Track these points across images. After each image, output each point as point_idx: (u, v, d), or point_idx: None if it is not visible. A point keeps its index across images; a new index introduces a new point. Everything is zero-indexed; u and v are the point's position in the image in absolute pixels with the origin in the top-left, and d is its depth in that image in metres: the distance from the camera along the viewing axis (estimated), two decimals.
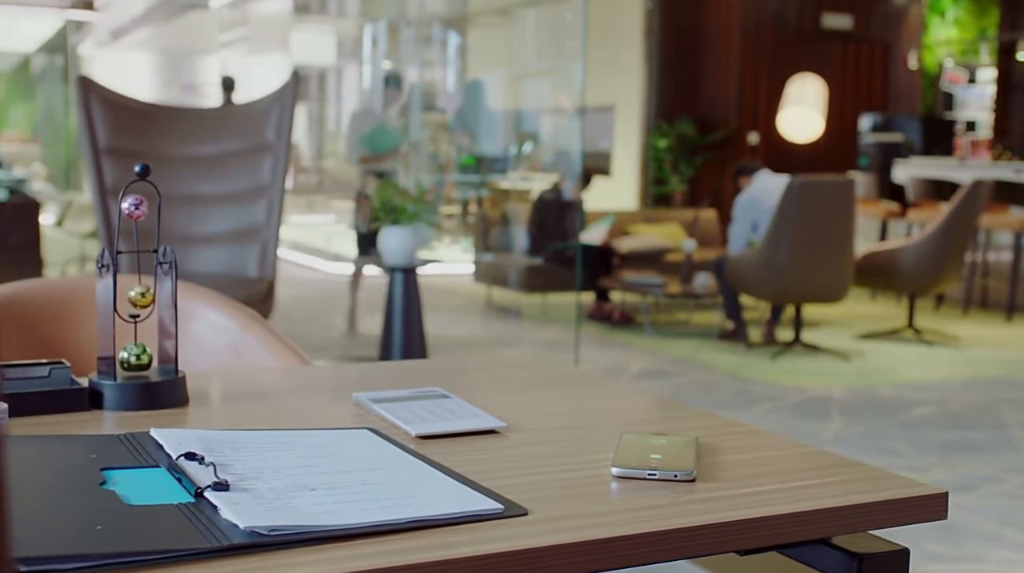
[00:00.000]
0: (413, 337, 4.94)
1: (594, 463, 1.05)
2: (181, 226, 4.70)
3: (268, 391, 1.35)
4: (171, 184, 4.72)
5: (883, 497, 0.98)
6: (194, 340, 1.83)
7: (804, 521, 0.93)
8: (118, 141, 4.68)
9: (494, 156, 11.11)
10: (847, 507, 0.95)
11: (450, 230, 11.78)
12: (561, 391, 1.38)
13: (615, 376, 5.81)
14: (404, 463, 1.02)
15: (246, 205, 4.71)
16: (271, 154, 4.72)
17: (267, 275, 4.64)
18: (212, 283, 4.50)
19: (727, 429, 1.20)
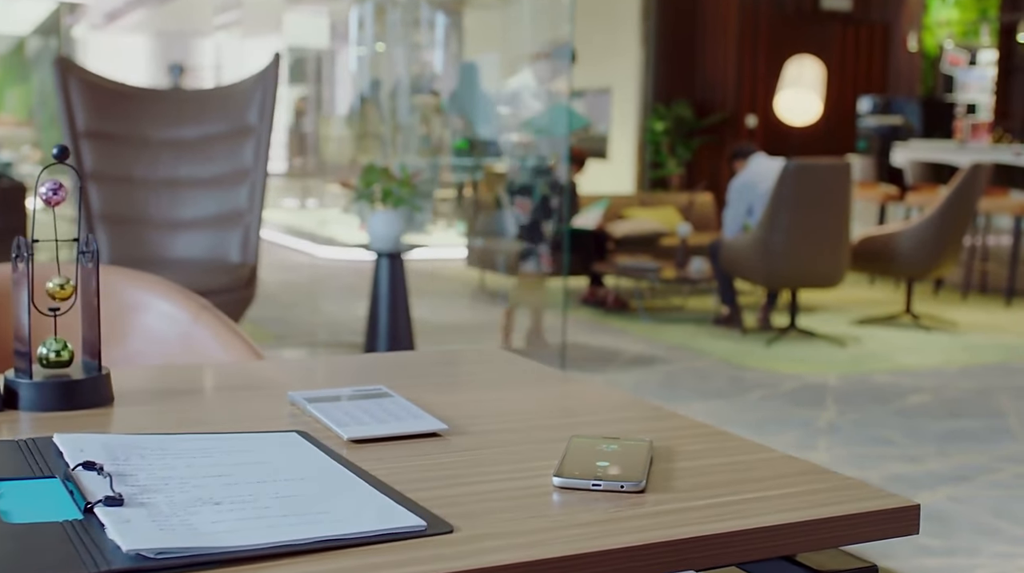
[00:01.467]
0: (399, 323, 4.85)
1: (537, 471, 0.97)
2: (161, 211, 4.61)
3: (202, 389, 1.27)
4: (151, 168, 4.62)
5: (850, 510, 0.89)
6: (143, 332, 1.74)
7: (760, 538, 0.85)
8: (97, 124, 4.59)
9: (489, 139, 11.01)
10: (809, 523, 0.87)
11: (445, 214, 11.68)
12: (516, 389, 1.29)
13: (607, 362, 5.73)
14: (327, 472, 0.93)
15: (228, 189, 4.62)
16: (253, 137, 4.62)
17: (249, 260, 4.55)
18: (193, 268, 4.41)
19: (687, 431, 1.12)
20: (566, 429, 1.11)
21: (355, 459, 0.99)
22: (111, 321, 1.74)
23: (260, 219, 4.60)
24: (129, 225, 4.56)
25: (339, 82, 14.64)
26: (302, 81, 16.58)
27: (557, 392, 1.28)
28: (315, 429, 1.09)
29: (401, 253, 4.83)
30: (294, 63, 15.99)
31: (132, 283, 1.76)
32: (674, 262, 7.17)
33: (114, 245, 4.51)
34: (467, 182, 10.91)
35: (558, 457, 0.98)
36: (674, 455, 1.03)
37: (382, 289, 4.84)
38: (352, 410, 1.11)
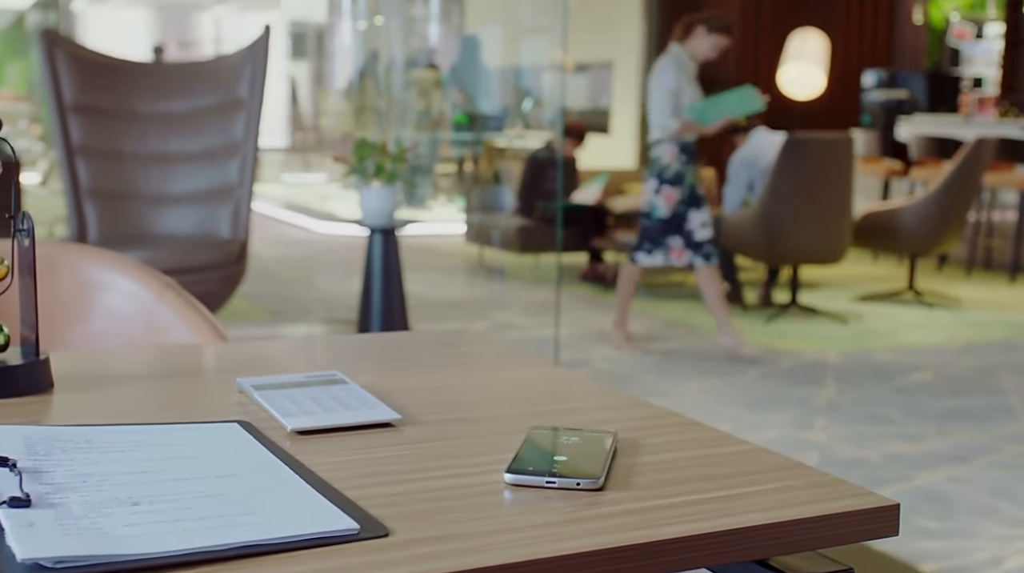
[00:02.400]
0: (393, 299, 4.79)
1: (491, 466, 0.90)
2: (151, 186, 4.54)
3: (149, 374, 1.20)
4: (140, 142, 4.55)
5: (825, 510, 0.82)
6: (105, 311, 1.67)
7: (725, 543, 0.78)
8: (85, 97, 4.51)
9: (490, 114, 10.91)
10: (778, 525, 0.80)
11: (445, 189, 11.60)
12: (481, 374, 1.23)
13: (604, 340, 5.67)
14: (262, 468, 0.87)
15: (218, 163, 4.55)
16: (244, 110, 4.54)
17: (240, 236, 4.49)
18: (183, 244, 4.34)
19: (657, 421, 1.05)
20: (529, 419, 1.04)
21: (297, 452, 0.93)
22: (72, 300, 1.67)
23: (251, 194, 4.53)
24: (118, 200, 4.50)
25: (338, 56, 14.53)
26: (303, 56, 16.47)
27: (526, 378, 1.21)
28: (261, 418, 1.02)
29: (395, 229, 4.76)
30: (295, 37, 15.88)
31: (93, 261, 1.69)
32: None
33: (102, 221, 4.45)
34: (467, 157, 10.82)
35: (515, 450, 0.92)
36: (639, 448, 0.96)
37: (375, 265, 4.77)
38: (301, 398, 1.05)
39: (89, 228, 4.43)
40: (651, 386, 4.75)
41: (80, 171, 4.46)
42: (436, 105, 10.34)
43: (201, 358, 1.29)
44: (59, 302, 1.67)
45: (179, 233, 4.49)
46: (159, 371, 1.21)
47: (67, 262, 1.69)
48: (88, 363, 1.24)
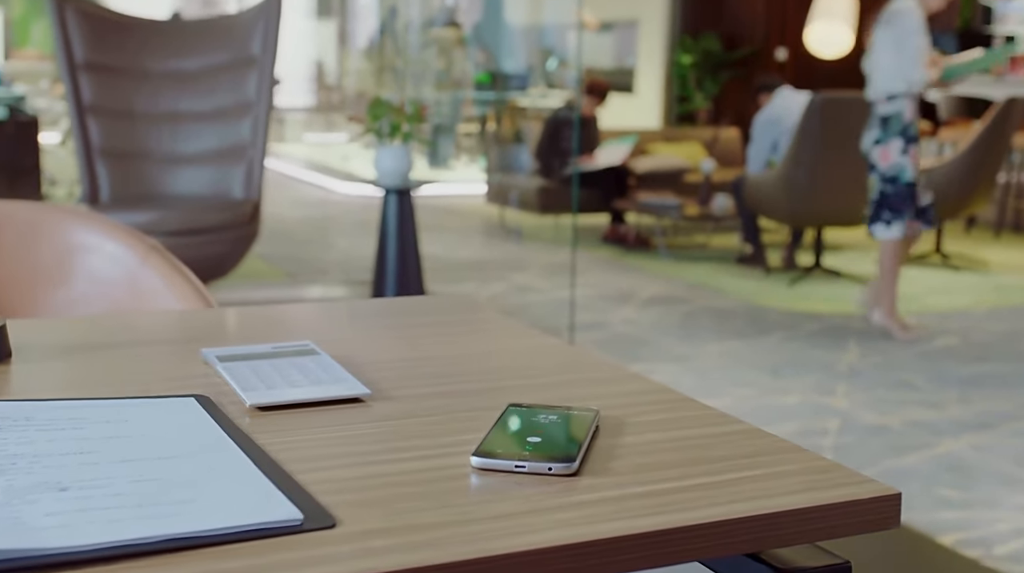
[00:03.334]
0: (407, 261, 4.72)
1: (461, 447, 0.83)
2: (163, 145, 4.49)
3: (115, 343, 1.14)
4: (152, 100, 4.49)
5: (820, 501, 0.75)
6: (88, 275, 1.61)
7: (706, 536, 0.71)
8: (96, 55, 4.44)
9: (513, 73, 10.78)
10: (768, 517, 0.73)
11: (468, 149, 11.50)
12: (467, 344, 1.16)
13: (624, 302, 5.59)
14: (211, 448, 0.80)
15: (230, 122, 4.48)
16: (256, 68, 4.47)
17: (253, 196, 4.43)
18: (195, 205, 4.29)
19: (647, 397, 0.98)
20: (510, 394, 0.97)
21: (254, 429, 0.86)
22: (54, 264, 1.62)
23: (264, 154, 4.47)
24: (130, 160, 4.44)
25: (361, 14, 14.40)
26: (327, 14, 16.34)
27: (514, 350, 1.14)
28: (223, 392, 0.96)
29: (410, 189, 4.69)
30: None
31: (77, 223, 1.63)
32: (697, 199, 6.99)
33: (114, 180, 4.40)
34: (489, 116, 10.71)
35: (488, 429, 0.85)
36: (624, 428, 0.89)
37: (390, 226, 4.71)
38: (266, 370, 0.98)
39: (101, 188, 4.38)
40: (670, 350, 4.68)
41: (92, 130, 4.40)
42: (458, 64, 10.22)
43: (175, 326, 1.23)
44: (41, 266, 1.61)
45: (191, 193, 4.44)
46: (127, 340, 1.15)
47: (49, 224, 1.63)
48: (53, 331, 1.18)
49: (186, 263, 4.15)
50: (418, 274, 4.76)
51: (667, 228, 7.57)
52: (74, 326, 1.21)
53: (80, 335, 1.16)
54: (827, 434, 3.58)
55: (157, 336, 1.17)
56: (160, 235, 4.07)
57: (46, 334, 1.16)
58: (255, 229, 4.37)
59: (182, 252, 4.11)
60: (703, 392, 4.05)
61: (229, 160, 4.46)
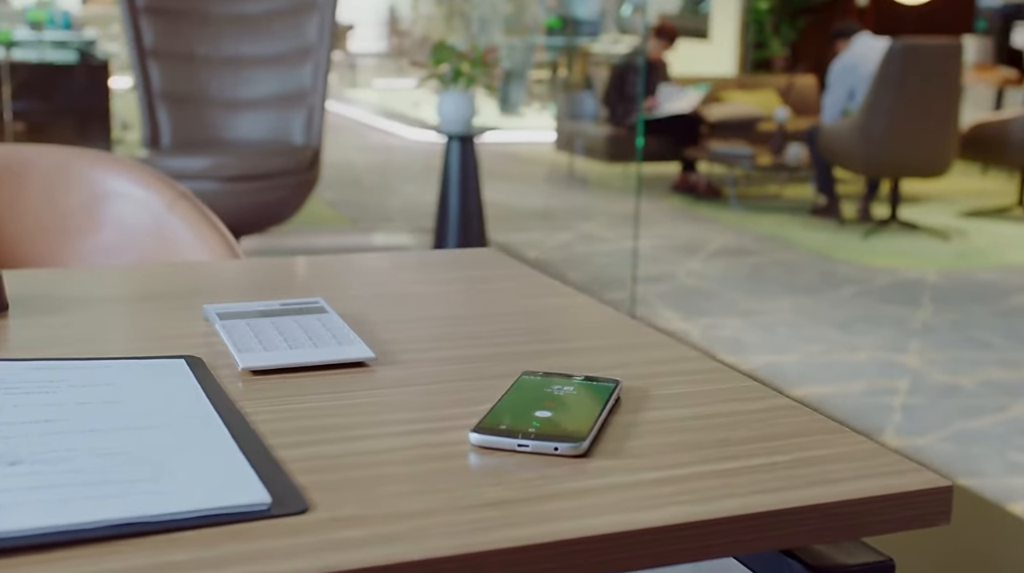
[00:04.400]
0: (469, 209, 4.65)
1: (465, 420, 0.76)
2: (224, 90, 4.44)
3: (119, 297, 1.08)
4: (213, 45, 4.44)
5: (860, 493, 0.66)
6: (116, 222, 1.56)
7: (723, 532, 0.63)
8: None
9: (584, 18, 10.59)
10: (789, 512, 0.64)
11: (539, 95, 11.35)
12: (490, 303, 1.08)
13: (691, 253, 5.47)
14: (190, 417, 0.74)
15: (291, 67, 4.42)
16: (317, 13, 4.39)
17: (313, 142, 4.37)
18: (254, 150, 4.24)
19: (678, 366, 0.89)
20: (527, 360, 0.89)
21: (243, 396, 0.80)
22: (82, 211, 1.57)
23: (324, 99, 4.41)
24: (190, 104, 4.41)
25: None
26: None
27: (541, 309, 1.06)
28: (219, 353, 0.89)
29: (472, 136, 4.60)
30: None
31: (105, 168, 1.58)
32: (770, 148, 6.82)
33: (175, 125, 4.37)
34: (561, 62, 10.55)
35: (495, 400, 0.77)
36: (647, 401, 0.81)
37: (452, 173, 4.63)
38: (267, 330, 0.91)
39: (162, 133, 4.36)
40: (737, 303, 4.56)
41: (153, 74, 4.37)
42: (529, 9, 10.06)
43: (186, 279, 1.16)
44: (68, 213, 1.56)
45: (251, 139, 4.40)
46: (133, 294, 1.09)
47: (77, 169, 1.57)
48: (57, 282, 1.12)
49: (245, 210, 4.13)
50: (480, 222, 4.69)
51: (739, 178, 7.40)
52: (79, 277, 1.15)
53: (84, 287, 1.10)
54: (896, 394, 3.46)
55: (166, 290, 1.11)
56: (220, 181, 4.04)
57: (48, 286, 1.10)
58: (315, 175, 4.32)
59: (241, 198, 4.09)
60: (769, 348, 3.94)
61: (289, 105, 4.40)
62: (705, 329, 4.17)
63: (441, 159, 4.70)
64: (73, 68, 7.39)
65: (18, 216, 1.55)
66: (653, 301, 4.55)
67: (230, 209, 3.98)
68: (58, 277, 1.15)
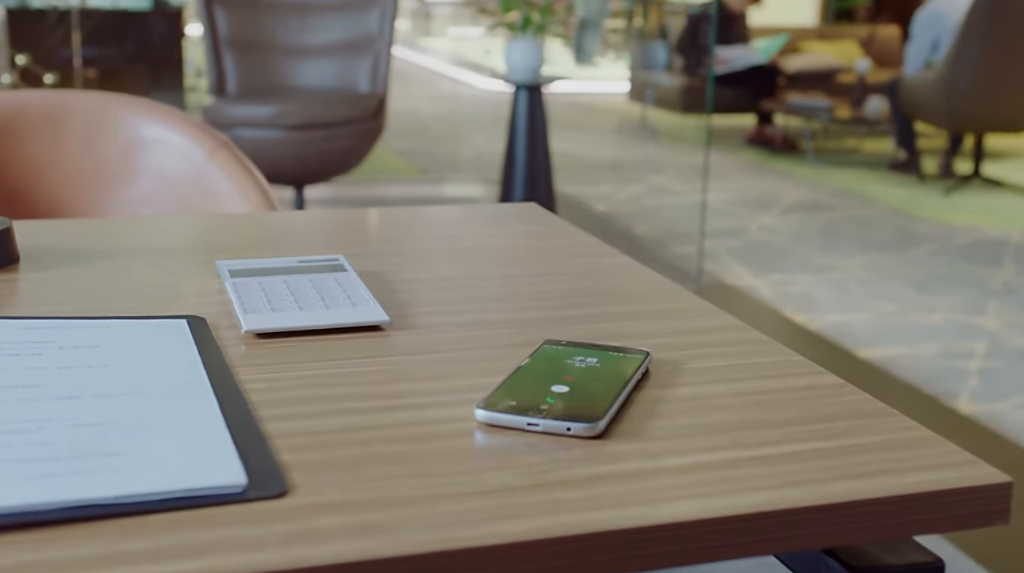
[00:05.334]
0: (536, 159, 4.57)
1: (475, 394, 0.70)
2: (290, 37, 4.40)
3: (136, 250, 1.03)
4: None
5: (904, 489, 0.59)
6: (156, 171, 1.52)
7: (731, 532, 0.56)
8: None
9: None
10: (820, 509, 0.57)
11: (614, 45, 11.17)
12: (523, 263, 1.01)
13: (765, 208, 5.34)
14: (179, 385, 0.68)
15: (358, 14, 4.37)
16: None
17: (379, 90, 4.32)
18: (320, 98, 4.20)
19: (717, 337, 0.82)
20: (554, 327, 0.83)
21: (243, 361, 0.74)
22: (120, 158, 1.53)
23: (391, 46, 4.35)
24: (256, 51, 4.37)
25: None
26: None
27: (578, 270, 1.00)
28: (227, 313, 0.84)
29: (540, 85, 4.51)
30: None
31: (145, 115, 1.53)
32: (850, 101, 6.63)
33: (241, 72, 4.34)
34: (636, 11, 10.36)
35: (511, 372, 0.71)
36: (678, 375, 0.74)
37: (519, 123, 4.55)
38: (278, 289, 0.86)
39: (228, 79, 4.33)
40: (809, 260, 4.44)
41: (219, 21, 4.34)
42: None
43: (211, 232, 1.11)
44: (106, 161, 1.53)
45: (317, 86, 4.36)
46: (152, 247, 1.04)
47: (116, 116, 1.53)
48: (76, 234, 1.08)
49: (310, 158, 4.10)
50: (547, 173, 4.61)
51: (816, 131, 7.21)
52: (100, 229, 1.11)
53: (104, 240, 1.06)
54: (972, 357, 3.33)
55: (190, 243, 1.06)
56: (284, 129, 4.00)
57: (66, 237, 1.06)
58: (380, 124, 4.27)
59: (306, 147, 4.05)
60: (841, 306, 3.82)
61: (355, 52, 4.35)
62: (775, 286, 4.06)
63: (509, 109, 4.62)
64: (147, 15, 7.39)
65: (56, 164, 1.52)
66: (723, 256, 4.45)
67: (294, 158, 3.96)
68: (78, 228, 1.10)
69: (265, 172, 4.06)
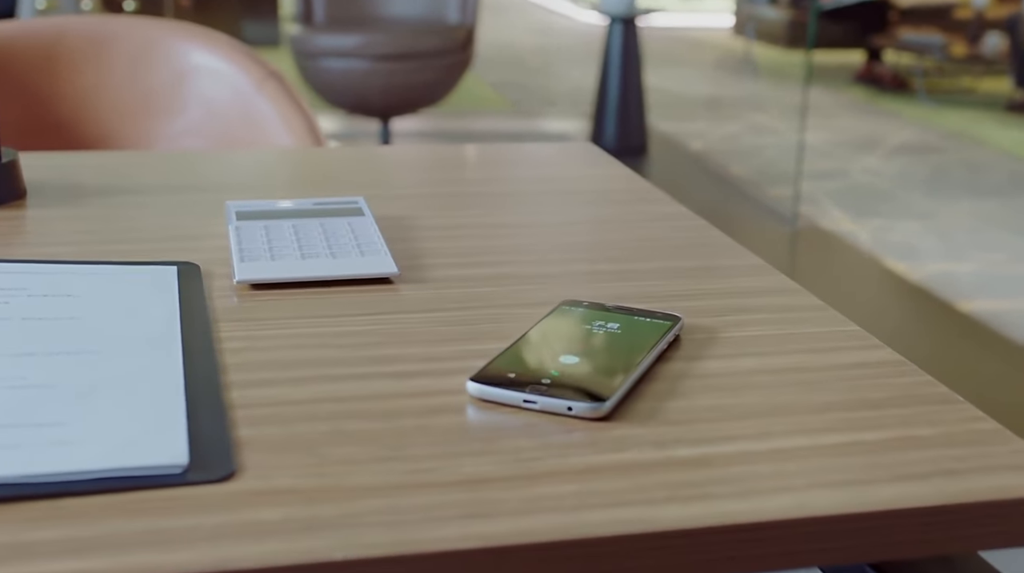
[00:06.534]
0: (629, 94, 4.44)
1: (476, 361, 0.62)
2: None
3: (154, 187, 0.97)
4: None
5: (947, 497, 0.50)
6: (203, 100, 1.46)
7: (745, 542, 0.48)
8: None
9: None
10: (872, 517, 0.48)
11: None
12: (561, 209, 0.92)
13: (869, 149, 5.13)
14: (147, 343, 0.62)
15: None
16: None
17: (468, 21, 4.22)
18: (408, 28, 4.12)
19: (759, 301, 0.73)
20: (581, 284, 0.74)
21: (230, 314, 0.67)
22: (167, 87, 1.47)
23: None
24: None
25: None
26: None
27: (620, 218, 0.91)
28: (226, 260, 0.77)
29: (635, 17, 4.36)
30: None
31: (194, 42, 1.47)
32: (966, 37, 6.31)
33: (329, 1, 4.27)
34: None
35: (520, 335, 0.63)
36: (712, 345, 0.65)
37: (613, 56, 4.41)
38: (284, 234, 0.79)
39: (315, 9, 4.27)
40: (913, 205, 4.25)
41: None
42: None
43: (241, 168, 1.04)
44: (153, 91, 1.47)
45: (404, 16, 4.27)
46: (172, 184, 0.98)
47: (164, 43, 1.47)
48: (93, 167, 1.02)
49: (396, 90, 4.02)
50: (640, 109, 4.47)
51: (929, 69, 6.91)
52: (122, 162, 1.04)
53: (123, 174, 1.00)
54: None
55: (210, 181, 0.99)
56: (371, 59, 3.93)
57: (82, 171, 1.00)
58: (469, 56, 4.17)
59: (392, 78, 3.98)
60: (944, 255, 3.65)
61: None
62: (875, 231, 3.89)
63: (602, 41, 4.49)
64: None
65: (102, 93, 1.47)
66: (821, 199, 4.28)
67: (381, 89, 3.89)
68: (97, 162, 1.04)
69: (351, 104, 4.01)
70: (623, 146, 4.56)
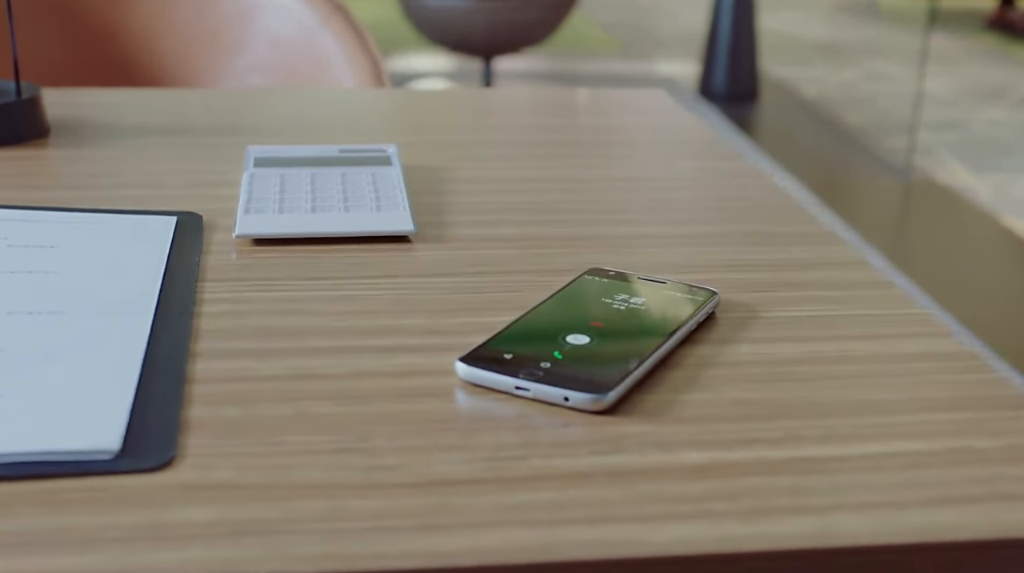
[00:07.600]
0: (740, 37, 4.27)
1: (480, 335, 0.55)
2: None
3: (186, 128, 0.91)
4: None
5: (1017, 530, 0.42)
6: (267, 37, 1.40)
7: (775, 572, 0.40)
8: None
9: None
10: (903, 549, 0.41)
11: None
12: (613, 164, 0.85)
13: (995, 100, 4.88)
14: (120, 303, 0.56)
15: None
16: None
17: None
18: None
19: (816, 274, 0.64)
20: (615, 250, 0.67)
21: (223, 273, 0.62)
22: (233, 22, 1.42)
23: None
24: None
25: None
26: None
27: (676, 177, 0.82)
28: (234, 211, 0.72)
29: None
30: None
31: None
32: None
33: None
34: None
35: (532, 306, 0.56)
36: (748, 327, 0.57)
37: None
38: (299, 185, 0.72)
39: None
40: None
41: None
42: None
43: (286, 109, 0.99)
44: (218, 26, 1.42)
45: None
46: (206, 125, 0.92)
47: None
48: (129, 105, 0.97)
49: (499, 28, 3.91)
50: (751, 53, 4.31)
51: None
52: (156, 100, 0.99)
53: (152, 114, 0.95)
54: None
55: (248, 122, 0.93)
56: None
57: (115, 110, 0.95)
58: None
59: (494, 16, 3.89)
60: None
61: None
62: (996, 187, 3.70)
63: None
64: None
65: (167, 29, 1.42)
66: (939, 151, 4.08)
67: (483, 27, 3.81)
68: (134, 99, 1.00)
69: (452, 42, 3.93)
70: (733, 91, 4.41)
